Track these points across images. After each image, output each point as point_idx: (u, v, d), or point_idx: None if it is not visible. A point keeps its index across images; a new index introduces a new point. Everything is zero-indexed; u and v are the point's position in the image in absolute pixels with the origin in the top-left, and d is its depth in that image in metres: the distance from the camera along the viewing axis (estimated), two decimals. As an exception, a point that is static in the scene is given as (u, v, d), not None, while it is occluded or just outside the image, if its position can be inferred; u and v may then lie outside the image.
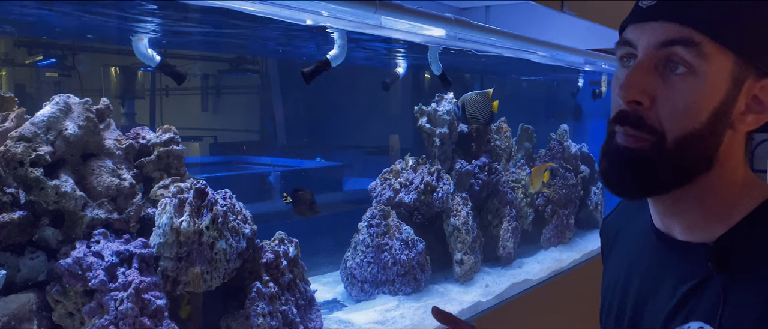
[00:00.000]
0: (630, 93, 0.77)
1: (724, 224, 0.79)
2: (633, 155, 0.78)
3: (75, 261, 1.55)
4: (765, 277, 0.72)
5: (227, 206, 1.84)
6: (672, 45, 0.76)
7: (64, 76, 3.15)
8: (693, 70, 0.75)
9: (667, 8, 0.77)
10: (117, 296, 1.57)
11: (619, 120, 0.80)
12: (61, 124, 1.62)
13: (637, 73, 0.78)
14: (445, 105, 2.89)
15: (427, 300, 2.51)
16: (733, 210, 0.80)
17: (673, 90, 0.76)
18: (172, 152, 1.87)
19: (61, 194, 1.57)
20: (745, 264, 0.75)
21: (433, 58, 2.60)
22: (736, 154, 0.81)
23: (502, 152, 3.34)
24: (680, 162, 0.77)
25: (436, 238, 2.84)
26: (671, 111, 0.76)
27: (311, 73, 2.09)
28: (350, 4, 1.83)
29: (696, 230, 0.82)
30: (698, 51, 0.74)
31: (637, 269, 0.92)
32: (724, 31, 0.75)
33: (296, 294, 1.98)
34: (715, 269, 0.76)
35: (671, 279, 0.83)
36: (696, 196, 0.80)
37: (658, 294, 0.84)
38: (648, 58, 0.78)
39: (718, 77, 0.75)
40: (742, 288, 0.73)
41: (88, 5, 1.79)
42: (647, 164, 0.78)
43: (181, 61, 3.65)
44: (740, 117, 0.78)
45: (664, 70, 0.77)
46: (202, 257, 1.73)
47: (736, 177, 0.82)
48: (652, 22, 0.78)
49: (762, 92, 0.78)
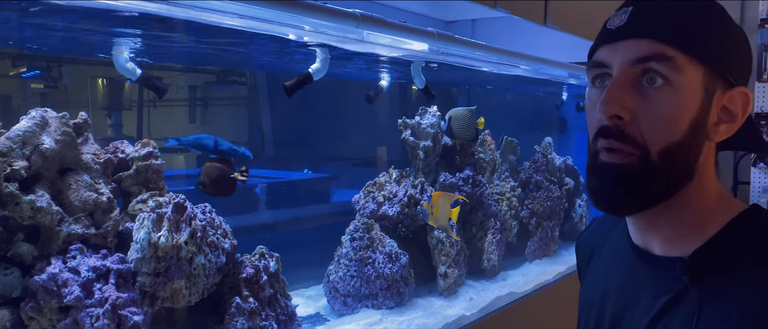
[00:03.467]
0: (611, 108, 0.79)
1: (700, 237, 0.81)
2: (621, 171, 0.80)
3: (50, 277, 1.54)
4: (739, 290, 0.74)
5: (207, 220, 1.83)
6: (647, 61, 0.78)
7: (50, 87, 3.14)
8: (669, 83, 0.77)
9: (638, 26, 0.79)
10: (93, 312, 1.56)
11: (602, 134, 0.81)
12: (38, 138, 1.62)
13: (616, 90, 0.79)
14: (429, 118, 2.90)
15: (411, 314, 2.51)
16: (708, 223, 0.81)
17: (651, 103, 0.78)
18: (151, 167, 1.87)
19: (36, 209, 1.56)
20: (719, 277, 0.76)
21: (417, 72, 2.61)
22: (710, 166, 0.84)
23: (486, 164, 3.35)
24: (667, 174, 0.79)
25: (420, 251, 2.83)
26: (652, 124, 0.78)
27: (293, 87, 2.10)
28: (333, 18, 1.84)
29: (674, 244, 0.83)
30: (673, 64, 0.77)
31: (614, 284, 0.93)
32: (694, 44, 0.78)
33: (277, 310, 1.97)
34: (690, 282, 0.78)
35: (648, 293, 0.84)
36: (676, 208, 0.82)
37: (636, 307, 0.85)
38: (624, 75, 0.80)
39: (693, 89, 0.78)
40: (717, 300, 0.75)
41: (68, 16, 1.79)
42: (636, 178, 0.79)
43: (168, 74, 3.65)
44: (714, 128, 0.81)
45: (640, 86, 0.79)
46: (181, 272, 1.72)
47: (710, 190, 0.83)
48: (624, 40, 0.80)
49: (730, 102, 0.81)
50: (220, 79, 4.14)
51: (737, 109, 0.81)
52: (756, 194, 3.57)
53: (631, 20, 0.80)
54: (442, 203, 2.48)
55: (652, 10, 0.80)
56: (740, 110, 0.81)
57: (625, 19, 0.81)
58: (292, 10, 1.68)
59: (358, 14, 1.87)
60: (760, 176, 3.58)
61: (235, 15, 1.70)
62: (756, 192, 3.58)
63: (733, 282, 0.75)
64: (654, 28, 0.78)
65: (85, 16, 1.71)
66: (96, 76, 3.62)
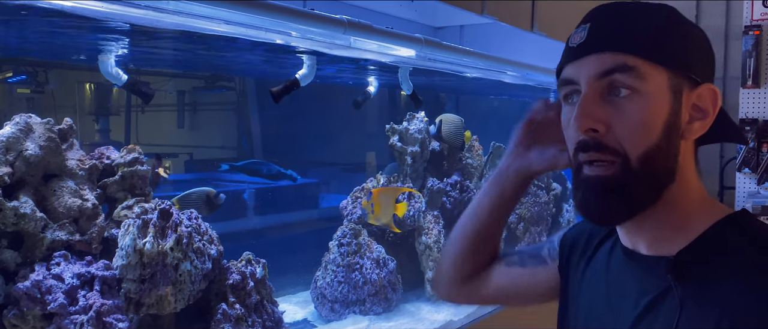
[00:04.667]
0: (585, 122, 0.81)
1: (686, 238, 0.82)
2: (605, 182, 0.81)
3: (34, 283, 1.53)
4: (719, 292, 0.75)
5: (192, 226, 1.82)
6: (611, 73, 0.80)
7: (37, 93, 3.12)
8: (637, 91, 0.79)
9: (598, 41, 0.82)
10: (77, 319, 1.55)
11: (581, 148, 0.83)
12: (21, 144, 1.61)
13: (587, 104, 0.81)
14: (417, 123, 2.91)
15: (399, 319, 2.51)
16: (692, 224, 0.83)
17: (623, 113, 0.80)
18: (137, 173, 1.86)
19: (20, 216, 1.55)
20: (703, 277, 0.78)
21: (404, 77, 2.62)
22: (689, 165, 0.85)
23: (473, 170, 3.36)
24: (649, 177, 0.80)
25: (408, 257, 2.84)
26: (628, 132, 0.80)
27: (280, 93, 2.10)
28: (319, 24, 1.85)
29: (660, 245, 0.84)
30: (636, 73, 0.79)
31: (603, 284, 0.94)
32: (654, 50, 0.80)
33: (263, 316, 1.97)
34: (673, 281, 0.79)
35: (635, 292, 0.85)
36: (661, 210, 0.83)
37: (623, 306, 0.87)
38: (592, 90, 0.82)
39: (660, 93, 0.80)
40: (698, 299, 0.76)
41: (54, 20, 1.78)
42: (621, 186, 0.80)
43: (156, 79, 3.63)
44: (687, 127, 0.83)
45: (610, 97, 0.81)
46: (167, 279, 1.71)
47: (691, 190, 0.85)
48: (587, 56, 0.82)
49: (699, 99, 0.83)
50: (208, 84, 4.13)
51: (707, 105, 0.83)
52: (741, 198, 3.61)
53: (591, 36, 0.82)
54: (384, 200, 2.34)
55: (609, 23, 0.82)
56: (711, 106, 0.83)
57: (585, 36, 0.83)
58: (279, 16, 1.68)
59: (345, 20, 1.88)
60: (746, 181, 3.62)
61: (222, 21, 1.70)
62: (741, 197, 3.61)
63: (715, 283, 0.76)
64: (613, 40, 0.81)
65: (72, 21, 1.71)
66: (83, 82, 3.60)
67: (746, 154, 3.58)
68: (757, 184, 3.57)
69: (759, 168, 3.55)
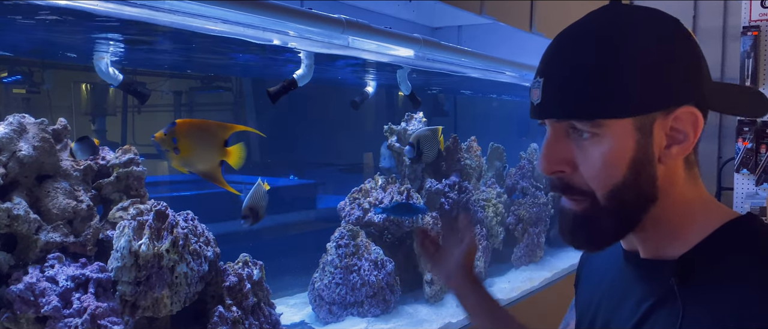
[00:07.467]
0: (548, 166, 0.81)
1: (687, 243, 0.80)
2: (577, 216, 0.82)
3: (27, 286, 1.51)
4: (722, 295, 0.74)
5: (189, 228, 1.80)
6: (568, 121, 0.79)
7: (33, 93, 3.10)
8: (596, 135, 0.77)
9: (549, 107, 0.79)
10: (71, 322, 1.53)
11: (552, 188, 0.83)
12: (15, 145, 1.58)
13: (551, 145, 0.81)
14: (415, 124, 2.90)
15: (397, 321, 2.49)
16: (693, 229, 0.81)
17: (586, 154, 0.79)
18: (132, 174, 1.84)
19: (13, 218, 1.53)
20: (705, 282, 0.76)
21: (402, 78, 2.61)
22: (678, 179, 0.82)
23: (472, 170, 3.34)
24: (620, 212, 0.80)
25: (406, 258, 2.82)
26: (592, 173, 0.79)
27: (277, 93, 2.08)
28: (318, 23, 1.83)
29: (661, 250, 0.83)
30: (593, 123, 0.77)
31: (606, 287, 0.94)
32: (609, 109, 0.76)
33: (260, 318, 1.95)
34: (675, 284, 0.78)
35: (636, 295, 0.84)
36: (652, 223, 0.82)
37: (623, 309, 0.86)
38: (556, 130, 0.81)
39: (622, 134, 0.77)
40: (700, 303, 0.75)
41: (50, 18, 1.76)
42: (591, 222, 0.81)
43: (153, 80, 3.62)
44: (665, 152, 0.79)
45: (574, 136, 0.80)
46: (162, 281, 1.69)
47: (687, 199, 0.83)
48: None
49: (677, 122, 0.78)
50: (205, 85, 4.12)
51: (686, 127, 0.78)
52: (739, 200, 3.60)
53: (544, 98, 0.79)
54: (200, 138, 1.53)
55: (558, 84, 0.78)
56: (690, 128, 0.78)
57: (539, 97, 0.80)
58: (277, 15, 1.67)
59: (344, 20, 1.86)
60: (744, 182, 3.61)
61: (219, 20, 1.68)
62: (739, 198, 3.60)
63: (718, 287, 0.75)
64: (563, 108, 0.78)
65: (66, 19, 1.69)
66: (79, 82, 3.58)
67: (744, 154, 3.57)
68: (756, 185, 3.56)
69: (757, 169, 3.54)
